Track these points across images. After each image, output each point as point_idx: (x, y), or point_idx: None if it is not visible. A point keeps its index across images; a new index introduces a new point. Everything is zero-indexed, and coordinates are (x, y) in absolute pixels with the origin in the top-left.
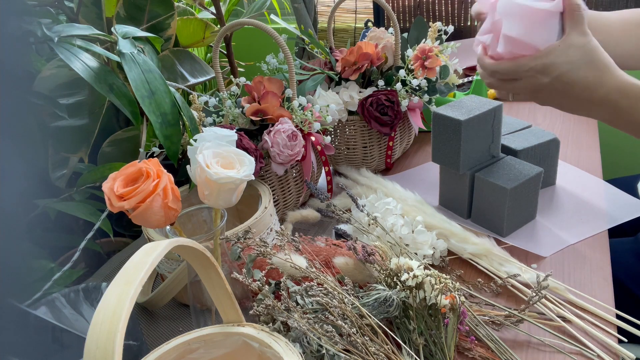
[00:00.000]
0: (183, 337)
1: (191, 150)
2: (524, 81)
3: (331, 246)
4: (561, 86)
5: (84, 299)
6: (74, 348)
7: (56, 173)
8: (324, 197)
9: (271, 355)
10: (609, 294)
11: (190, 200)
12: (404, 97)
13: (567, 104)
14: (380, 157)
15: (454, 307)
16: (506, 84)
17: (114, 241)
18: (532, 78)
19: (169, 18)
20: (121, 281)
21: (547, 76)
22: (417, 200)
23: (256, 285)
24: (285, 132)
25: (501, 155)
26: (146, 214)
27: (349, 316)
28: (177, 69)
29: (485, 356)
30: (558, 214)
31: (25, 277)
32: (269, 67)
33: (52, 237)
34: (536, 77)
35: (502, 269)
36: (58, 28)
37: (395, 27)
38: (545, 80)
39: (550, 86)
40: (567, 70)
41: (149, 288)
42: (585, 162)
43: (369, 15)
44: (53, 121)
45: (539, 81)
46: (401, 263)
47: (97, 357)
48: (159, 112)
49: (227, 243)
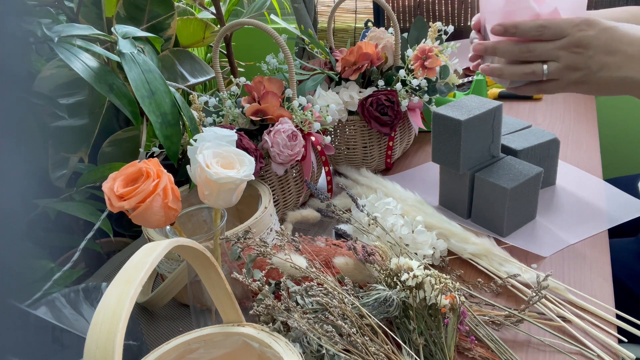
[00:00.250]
0: (183, 337)
1: (191, 150)
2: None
3: (331, 246)
4: (608, 39)
5: (84, 299)
6: (74, 348)
7: (56, 173)
8: (324, 197)
9: (271, 355)
10: (609, 294)
11: (190, 200)
12: (404, 97)
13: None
14: (380, 157)
15: (454, 307)
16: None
17: (114, 241)
18: (580, 31)
19: (169, 18)
20: (121, 281)
21: (593, 29)
22: (417, 200)
23: (256, 285)
24: (285, 132)
25: (501, 155)
26: (146, 214)
27: (349, 316)
28: (177, 69)
29: (485, 356)
30: (558, 214)
31: (25, 277)
32: (269, 67)
33: (52, 237)
34: (584, 30)
35: (502, 269)
36: (58, 28)
37: (395, 27)
38: (591, 32)
39: (597, 39)
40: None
41: (149, 288)
42: (585, 162)
43: (369, 15)
44: (53, 121)
45: (586, 33)
46: (401, 263)
47: (97, 357)
48: (159, 112)
49: (227, 243)
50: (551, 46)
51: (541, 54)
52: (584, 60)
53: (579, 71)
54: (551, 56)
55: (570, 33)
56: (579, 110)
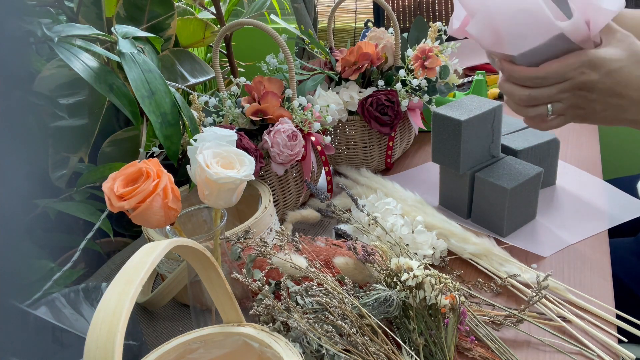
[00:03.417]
0: (183, 337)
1: (191, 150)
2: (572, 81)
3: (331, 246)
4: (612, 84)
5: (84, 299)
6: (74, 348)
7: (56, 173)
8: (324, 197)
9: (271, 355)
10: (609, 294)
11: (190, 200)
12: (404, 97)
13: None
14: (380, 157)
15: (454, 307)
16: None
17: (114, 241)
18: (582, 75)
19: (169, 18)
20: (121, 281)
21: (596, 72)
22: (417, 200)
23: (256, 285)
24: (285, 132)
25: (501, 155)
26: (146, 214)
27: (349, 316)
28: (177, 69)
29: (485, 356)
30: (558, 214)
31: (25, 277)
32: (269, 67)
33: (52, 237)
34: (585, 74)
35: (502, 269)
36: (58, 28)
37: (395, 27)
38: (594, 76)
39: (601, 84)
40: (618, 68)
41: (149, 288)
42: (585, 162)
43: (369, 15)
44: (53, 121)
45: (588, 77)
46: (401, 263)
47: (97, 357)
48: (159, 112)
49: (227, 243)
50: (554, 90)
51: (545, 100)
52: (587, 102)
53: (583, 110)
54: (554, 99)
55: (572, 77)
56: None
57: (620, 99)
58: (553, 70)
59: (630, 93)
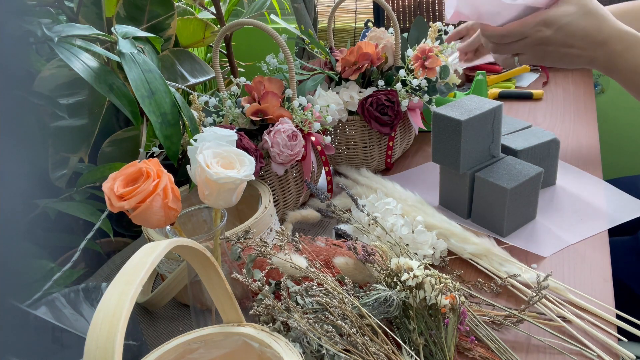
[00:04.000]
0: (183, 337)
1: (191, 150)
2: (530, 38)
3: (331, 246)
4: (563, 37)
5: (84, 299)
6: (74, 348)
7: (56, 173)
8: (324, 197)
9: (271, 355)
10: (609, 294)
11: (190, 200)
12: (404, 97)
13: (568, 54)
14: (380, 157)
15: (454, 307)
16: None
17: (114, 241)
18: (538, 32)
19: (169, 18)
20: (121, 281)
21: (549, 28)
22: (417, 200)
23: (256, 285)
24: (285, 132)
25: (501, 155)
26: (146, 214)
27: (349, 316)
28: (177, 69)
29: (485, 356)
30: (558, 214)
31: (25, 277)
32: (269, 67)
33: (52, 237)
34: (541, 31)
35: (502, 269)
36: (58, 28)
37: (395, 27)
38: (548, 32)
39: (553, 38)
40: (567, 23)
41: (149, 288)
42: (585, 162)
43: (369, 15)
44: (53, 121)
45: (543, 34)
46: (401, 263)
47: (97, 357)
48: (159, 112)
49: (227, 243)
50: (516, 46)
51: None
52: (546, 53)
53: (544, 59)
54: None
55: (530, 34)
56: (579, 110)
57: (571, 48)
58: (513, 29)
59: (576, 42)
